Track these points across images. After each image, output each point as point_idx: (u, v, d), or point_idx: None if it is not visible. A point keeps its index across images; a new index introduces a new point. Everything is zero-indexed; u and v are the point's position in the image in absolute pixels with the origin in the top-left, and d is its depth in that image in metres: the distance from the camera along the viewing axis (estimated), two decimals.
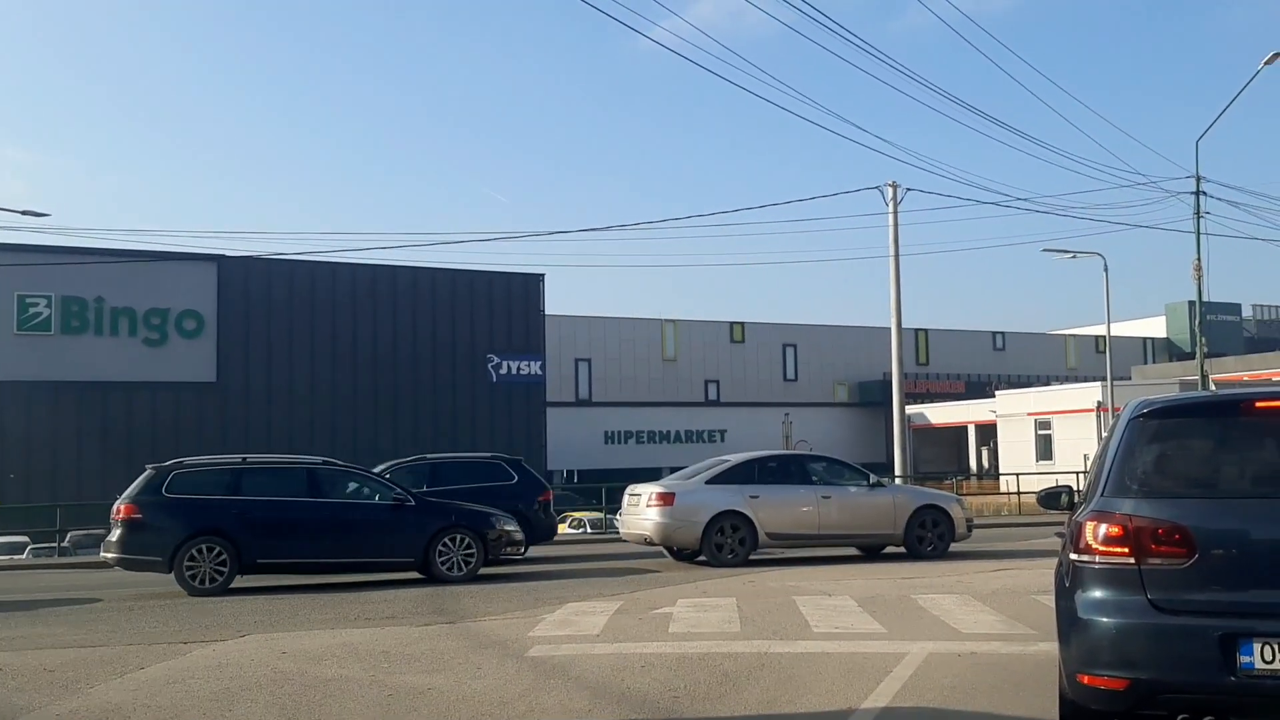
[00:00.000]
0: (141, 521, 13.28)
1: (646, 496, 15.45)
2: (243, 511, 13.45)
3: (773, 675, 7.20)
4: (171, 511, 13.32)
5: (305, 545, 13.71)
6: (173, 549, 13.07)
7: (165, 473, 13.62)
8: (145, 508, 13.33)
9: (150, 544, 13.24)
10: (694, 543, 15.13)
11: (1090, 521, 4.78)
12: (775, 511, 15.28)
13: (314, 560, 13.92)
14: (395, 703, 6.67)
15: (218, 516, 13.33)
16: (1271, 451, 4.87)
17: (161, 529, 13.23)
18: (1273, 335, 68.58)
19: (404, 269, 43.50)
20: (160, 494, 13.42)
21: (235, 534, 13.26)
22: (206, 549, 13.14)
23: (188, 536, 13.12)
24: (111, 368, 39.29)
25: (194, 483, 13.68)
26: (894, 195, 29.03)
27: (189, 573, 13.06)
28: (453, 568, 13.78)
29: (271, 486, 14.00)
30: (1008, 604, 10.30)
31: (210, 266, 41.04)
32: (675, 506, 15.11)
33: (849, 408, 62.12)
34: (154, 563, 13.31)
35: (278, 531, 13.61)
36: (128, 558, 13.43)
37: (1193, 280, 28.41)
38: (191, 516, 13.28)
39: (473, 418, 44.51)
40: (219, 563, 13.15)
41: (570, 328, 54.98)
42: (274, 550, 13.56)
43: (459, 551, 13.85)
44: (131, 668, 8.01)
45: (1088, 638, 4.66)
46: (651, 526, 15.22)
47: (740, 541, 15.00)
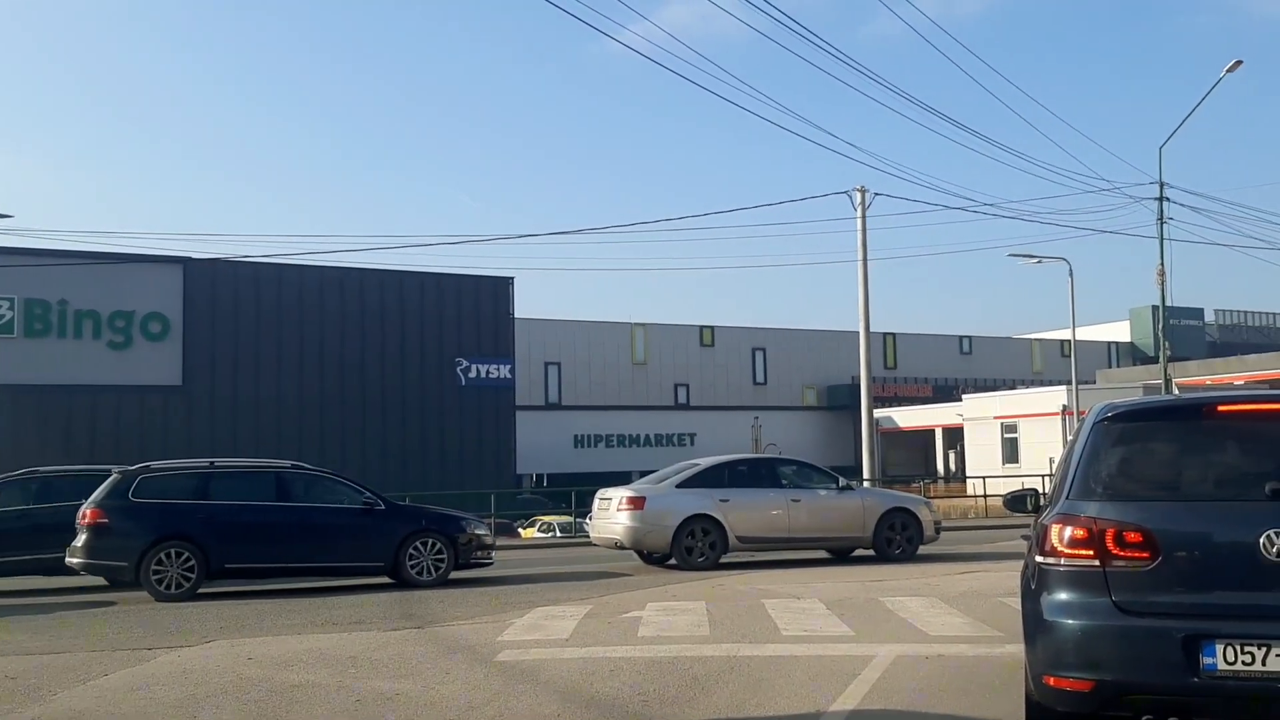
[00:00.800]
0: (108, 526, 13.09)
1: (617, 501, 15.46)
2: (210, 516, 13.29)
3: (741, 678, 7.21)
4: (138, 516, 13.13)
5: (274, 550, 13.54)
6: (139, 554, 12.89)
7: (132, 477, 13.43)
8: (111, 512, 13.13)
9: (116, 549, 13.05)
10: (664, 546, 15.14)
11: (1056, 524, 4.82)
12: (745, 515, 15.32)
13: (283, 565, 13.73)
14: (363, 708, 6.63)
15: (185, 521, 13.16)
16: (1233, 455, 4.92)
17: (128, 534, 13.04)
18: (1235, 340, 69.41)
19: (372, 272, 43.29)
20: (127, 498, 13.23)
21: (203, 539, 13.10)
22: (174, 554, 12.97)
23: (154, 541, 12.95)
24: (75, 371, 38.84)
25: (161, 487, 13.49)
26: (863, 200, 29.18)
27: (156, 578, 12.88)
28: (422, 572, 13.68)
29: (240, 491, 13.88)
30: (974, 606, 10.36)
31: (176, 269, 40.66)
32: (646, 511, 15.12)
33: (817, 411, 62.36)
34: (120, 568, 13.16)
35: (246, 536, 13.44)
36: (94, 563, 13.28)
37: (1156, 285, 28.77)
38: (158, 521, 13.10)
39: (441, 421, 44.33)
40: (186, 568, 12.99)
41: (540, 331, 54.89)
42: (242, 555, 13.41)
43: (429, 556, 13.76)
44: (95, 674, 7.92)
45: (1053, 639, 4.69)
46: (622, 530, 15.24)
47: (710, 545, 15.05)
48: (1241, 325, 74.19)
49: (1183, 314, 64.21)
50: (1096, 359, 63.56)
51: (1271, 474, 4.67)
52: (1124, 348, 70.46)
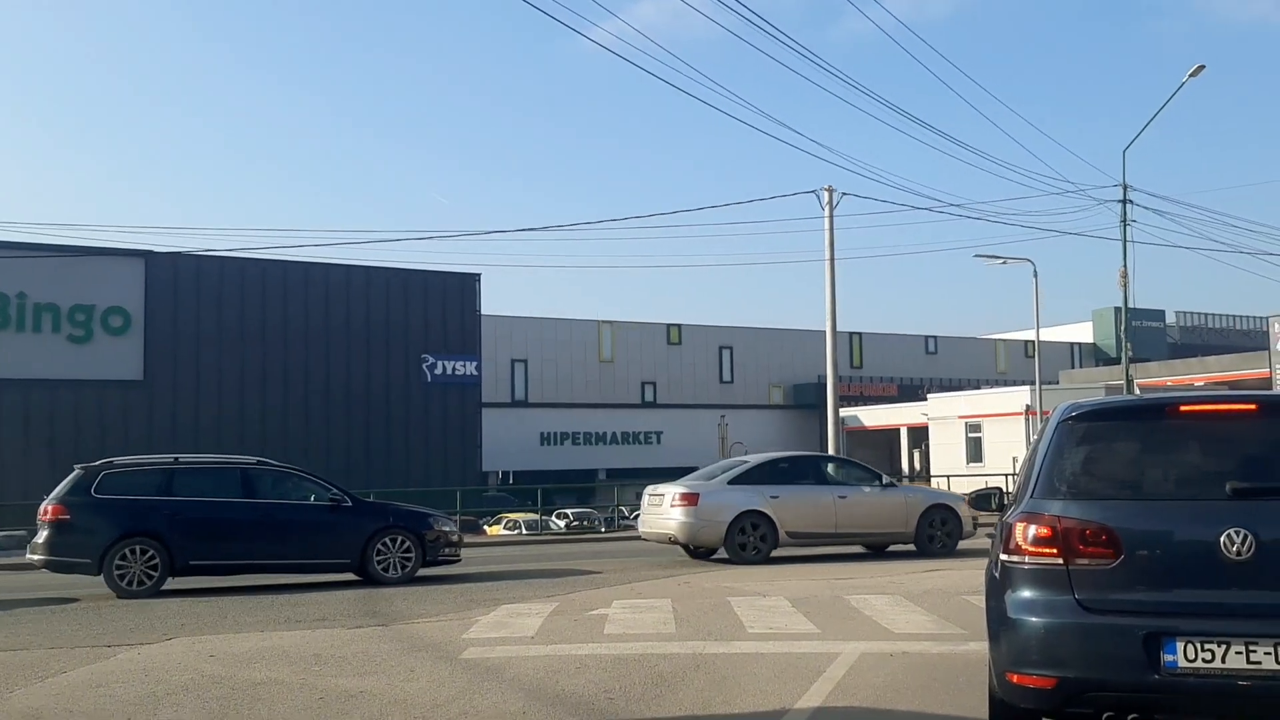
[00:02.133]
0: (70, 523, 12.93)
1: (670, 497, 15.75)
2: (175, 512, 13.14)
3: (707, 676, 7.22)
4: (101, 512, 12.96)
5: (239, 546, 13.43)
6: (102, 550, 12.75)
7: (94, 473, 13.25)
8: (74, 508, 12.97)
9: (79, 545, 12.90)
10: (718, 541, 15.50)
11: (1020, 523, 4.85)
12: (795, 511, 15.70)
13: (248, 562, 13.60)
14: (326, 706, 6.57)
15: (149, 517, 13.01)
16: (1195, 454, 4.97)
17: (90, 530, 12.90)
18: (1195, 341, 70.28)
19: (337, 267, 43.00)
20: (89, 494, 13.05)
21: (167, 535, 12.96)
22: (138, 550, 12.83)
23: (118, 538, 12.81)
24: (34, 365, 38.33)
25: (124, 483, 13.31)
26: (830, 199, 29.27)
27: (119, 575, 12.74)
28: (390, 569, 13.62)
29: (205, 487, 13.73)
30: (939, 604, 10.43)
31: (138, 262, 40.20)
32: (700, 506, 15.46)
33: (784, 410, 62.57)
34: (83, 564, 12.98)
35: (211, 533, 13.35)
36: (56, 559, 13.09)
37: (1119, 287, 29.08)
38: (121, 517, 12.93)
39: (406, 418, 44.12)
40: (150, 565, 12.86)
41: (507, 328, 54.74)
42: (207, 552, 13.31)
43: (396, 553, 13.70)
44: (53, 672, 7.81)
45: (1017, 637, 4.72)
46: (676, 526, 15.56)
47: (761, 539, 15.43)
48: (1202, 327, 75.14)
49: (1145, 316, 64.96)
50: (1060, 359, 64.18)
51: (1232, 473, 4.72)
52: (1087, 348, 71.17)
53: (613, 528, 29.57)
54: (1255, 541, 4.45)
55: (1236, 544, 4.46)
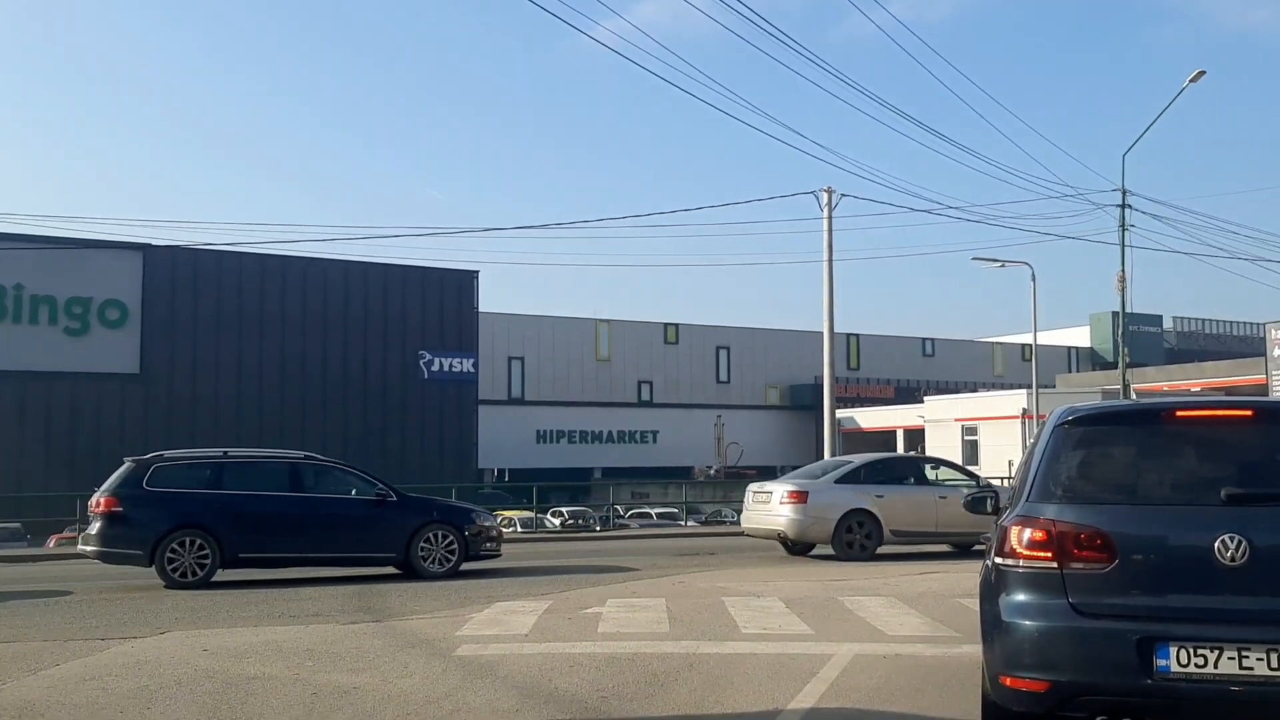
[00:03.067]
0: (122, 515, 13.02)
1: (779, 495, 16.14)
2: (225, 505, 13.27)
3: (701, 676, 7.21)
4: (153, 505, 13.08)
5: (287, 540, 13.53)
6: (154, 542, 12.85)
7: (145, 466, 13.38)
8: (126, 501, 13.06)
9: (131, 537, 13.00)
10: (825, 538, 15.87)
11: (1015, 526, 4.85)
12: (898, 510, 16.09)
13: (296, 555, 13.70)
14: (319, 702, 6.57)
15: (199, 510, 13.15)
16: (1190, 459, 4.98)
17: (142, 522, 13.01)
18: (1192, 347, 70.36)
19: (335, 262, 42.95)
20: (141, 487, 13.17)
21: (217, 528, 13.10)
22: (189, 542, 12.95)
23: (169, 530, 12.92)
24: (30, 357, 38.30)
25: (175, 476, 13.45)
26: (829, 200, 29.27)
27: (170, 566, 12.86)
28: (433, 563, 13.78)
29: (253, 481, 13.86)
30: (933, 607, 10.43)
31: (135, 255, 40.19)
32: (809, 504, 15.85)
33: (780, 410, 62.59)
34: (134, 556, 13.08)
35: (260, 526, 13.44)
36: (108, 551, 13.19)
37: (1117, 291, 29.06)
38: (173, 510, 13.06)
39: (403, 414, 44.13)
40: (200, 557, 12.97)
41: (504, 326, 54.71)
42: (256, 544, 13.40)
43: (440, 547, 13.86)
44: (46, 664, 7.80)
45: (1010, 640, 4.72)
46: (785, 523, 15.94)
47: (867, 537, 15.84)
48: (1199, 333, 75.23)
49: (1142, 320, 65.03)
50: (1057, 363, 64.25)
51: (1227, 479, 4.73)
52: (1084, 353, 71.23)
53: (608, 526, 29.55)
54: (1249, 547, 4.46)
55: (1230, 549, 4.47)
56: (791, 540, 16.41)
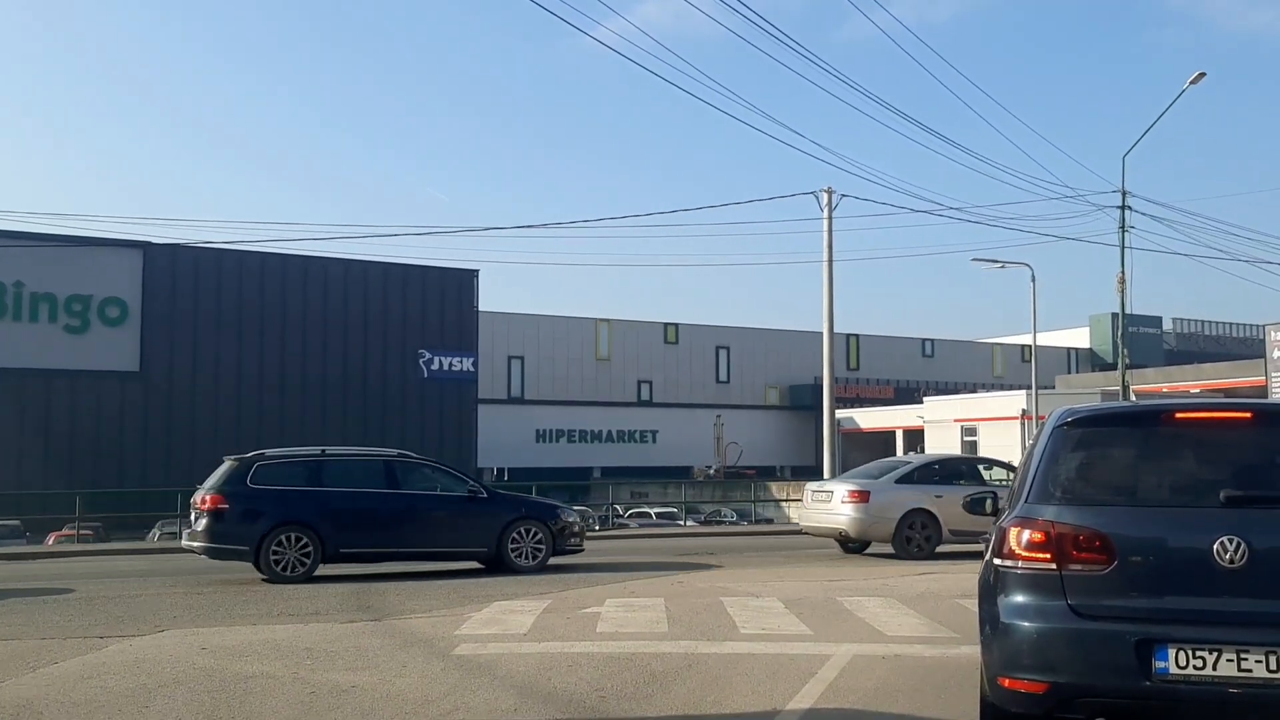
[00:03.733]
0: (228, 511, 13.34)
1: (840, 494, 16.43)
2: (325, 502, 13.62)
3: (699, 676, 7.21)
4: (257, 501, 13.42)
5: (385, 535, 13.92)
6: (259, 538, 13.18)
7: (248, 464, 13.73)
8: (231, 498, 13.39)
9: (237, 533, 13.34)
10: (886, 537, 16.07)
11: (1014, 527, 4.85)
12: (958, 510, 15.99)
13: (393, 550, 14.09)
14: (317, 700, 6.56)
15: (302, 507, 13.49)
16: (1189, 461, 4.97)
17: (248, 519, 13.34)
18: (1191, 349, 70.39)
19: (335, 261, 42.96)
20: (245, 484, 13.52)
21: (318, 524, 13.43)
22: (292, 538, 13.27)
23: (273, 526, 13.26)
24: (30, 354, 38.27)
25: (276, 474, 13.79)
26: (829, 201, 29.26)
27: (274, 561, 13.19)
28: (523, 557, 14.18)
29: (351, 478, 14.23)
30: (931, 607, 10.42)
31: (136, 253, 40.16)
32: (870, 503, 16.07)
33: (780, 410, 62.60)
34: (240, 551, 13.44)
35: (359, 521, 13.79)
36: (215, 546, 13.51)
37: (1116, 293, 29.04)
38: (277, 507, 13.41)
39: (403, 413, 44.09)
40: (303, 552, 13.31)
41: (504, 325, 54.72)
42: (356, 540, 13.76)
43: (529, 542, 14.27)
44: (45, 662, 7.80)
45: (1009, 641, 4.72)
46: (847, 521, 16.23)
47: (926, 537, 16.05)
48: (1198, 334, 75.26)
49: (1142, 322, 65.05)
50: (1056, 364, 64.25)
51: (1226, 481, 4.73)
52: (1083, 354, 71.24)
53: (607, 526, 29.55)
54: (1248, 549, 4.46)
55: (1229, 551, 4.47)
56: (853, 539, 16.65)
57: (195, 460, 39.23)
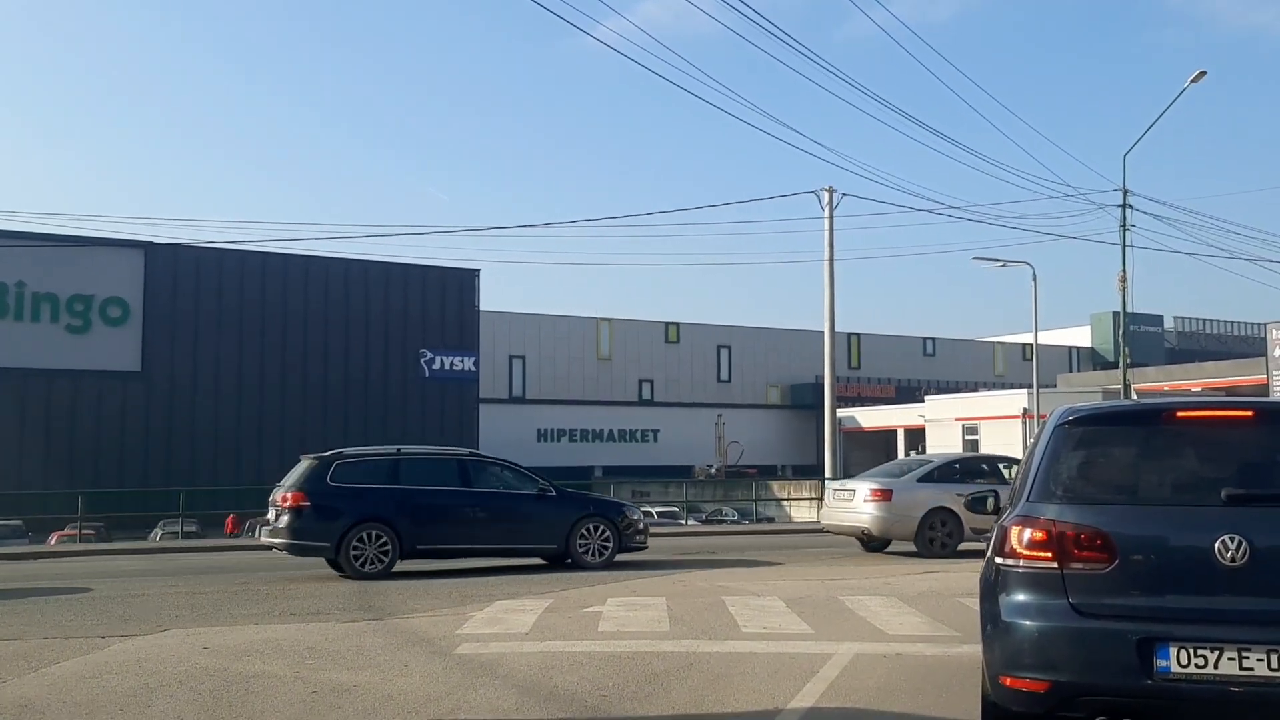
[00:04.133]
0: (310, 508, 13.57)
1: (863, 493, 16.52)
2: (403, 500, 13.93)
3: (701, 675, 7.21)
4: (338, 499, 13.67)
5: (460, 532, 14.28)
6: (340, 535, 13.44)
7: (328, 462, 13.97)
8: (313, 496, 13.62)
9: (318, 530, 13.57)
10: (908, 536, 16.16)
11: (1015, 526, 4.85)
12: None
13: (468, 546, 14.50)
14: (319, 700, 6.56)
15: (381, 504, 13.78)
16: (1191, 460, 4.97)
17: (328, 516, 13.58)
18: (1193, 347, 70.34)
19: (336, 260, 42.95)
20: (325, 483, 13.75)
21: (397, 521, 13.73)
22: (372, 535, 13.54)
23: (353, 523, 13.51)
24: (31, 354, 38.28)
25: (355, 472, 14.06)
26: (830, 200, 29.28)
27: (354, 557, 13.44)
28: (591, 554, 14.55)
29: (427, 476, 14.56)
30: (933, 606, 10.42)
31: (137, 253, 40.16)
32: (893, 502, 16.20)
33: (781, 410, 62.58)
34: (321, 548, 13.71)
35: (435, 519, 14.13)
36: (297, 543, 13.75)
37: (1118, 291, 29.05)
38: (356, 504, 13.66)
39: (404, 413, 44.10)
40: (382, 548, 13.58)
41: (505, 324, 54.72)
42: (432, 536, 14.07)
43: (596, 539, 14.65)
44: (46, 662, 7.80)
45: (1010, 640, 4.72)
46: (870, 520, 16.33)
47: (948, 535, 16.10)
48: (1200, 333, 75.21)
49: (1143, 320, 65.02)
50: (1058, 363, 64.21)
51: (1227, 480, 4.73)
52: (1084, 352, 71.20)
53: None
54: (1249, 548, 4.46)
55: (1231, 550, 4.47)
56: (875, 537, 16.71)
57: (197, 460, 39.37)
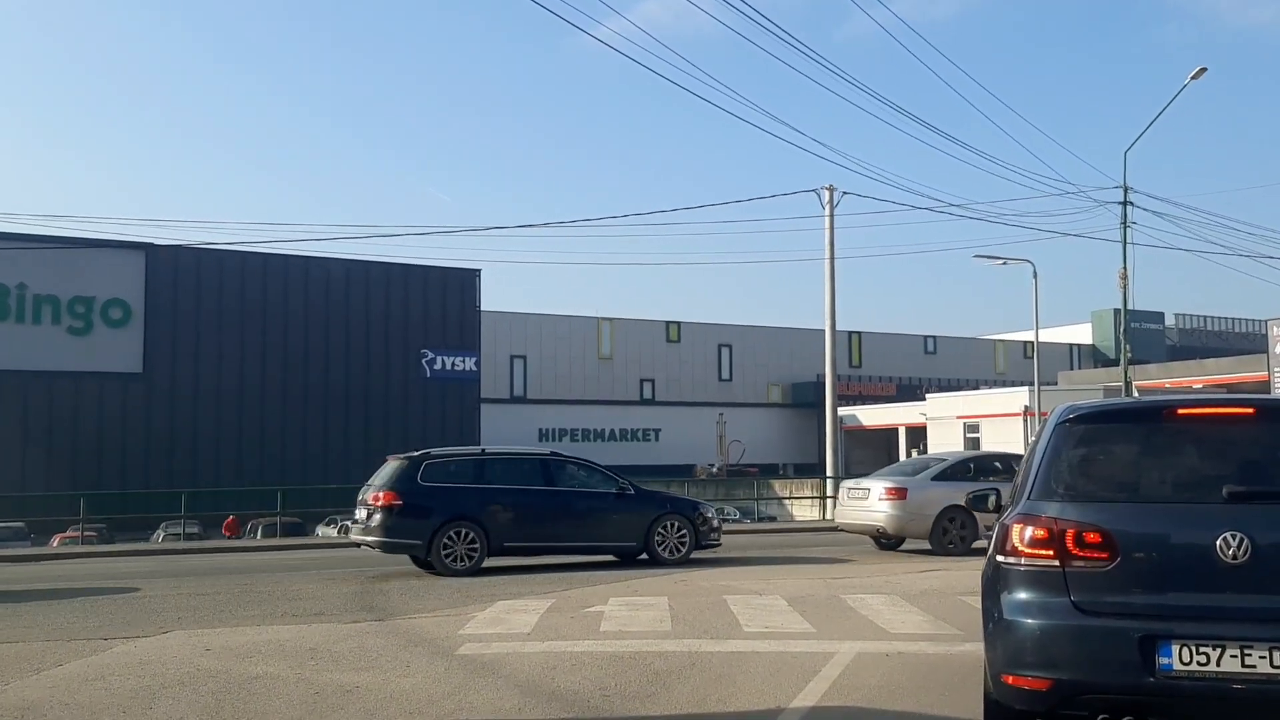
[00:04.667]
0: (402, 507, 13.87)
1: (878, 491, 16.62)
2: (490, 499, 14.27)
3: (703, 674, 7.21)
4: (429, 498, 14.00)
5: (544, 530, 14.60)
6: (431, 533, 13.76)
7: (417, 463, 14.27)
8: (405, 495, 13.94)
9: (411, 528, 13.87)
10: (924, 534, 16.20)
11: (1017, 524, 4.85)
12: None
13: (551, 544, 14.79)
14: (321, 701, 6.57)
15: (469, 503, 14.10)
16: (1192, 457, 4.97)
17: (420, 515, 13.89)
18: (1194, 344, 70.29)
19: (337, 261, 42.94)
20: (416, 482, 14.07)
21: (485, 519, 14.07)
22: (462, 533, 13.86)
23: (444, 521, 13.84)
24: (33, 356, 38.30)
25: (443, 472, 14.37)
26: (831, 198, 29.28)
27: (445, 555, 13.76)
28: (669, 551, 14.86)
29: (512, 476, 14.91)
30: (935, 604, 10.42)
31: (138, 255, 40.16)
32: (908, 500, 16.26)
33: (782, 408, 62.55)
34: (413, 546, 14.03)
35: (521, 517, 14.45)
36: (390, 541, 14.04)
37: (1119, 288, 29.04)
38: (447, 503, 13.98)
39: (405, 413, 44.09)
40: (471, 546, 13.89)
41: (506, 324, 54.71)
42: (518, 534, 14.40)
43: (674, 536, 14.95)
44: (49, 664, 7.81)
45: (1012, 638, 4.72)
46: (885, 518, 16.43)
47: (963, 533, 16.22)
48: (1201, 329, 75.15)
49: (1144, 317, 64.98)
50: (1059, 360, 64.17)
51: (1229, 477, 4.72)
52: (1085, 350, 71.16)
53: None
54: (1251, 545, 4.45)
55: (1232, 547, 4.46)
56: (891, 535, 16.77)
57: (198, 461, 39.38)
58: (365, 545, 14.45)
